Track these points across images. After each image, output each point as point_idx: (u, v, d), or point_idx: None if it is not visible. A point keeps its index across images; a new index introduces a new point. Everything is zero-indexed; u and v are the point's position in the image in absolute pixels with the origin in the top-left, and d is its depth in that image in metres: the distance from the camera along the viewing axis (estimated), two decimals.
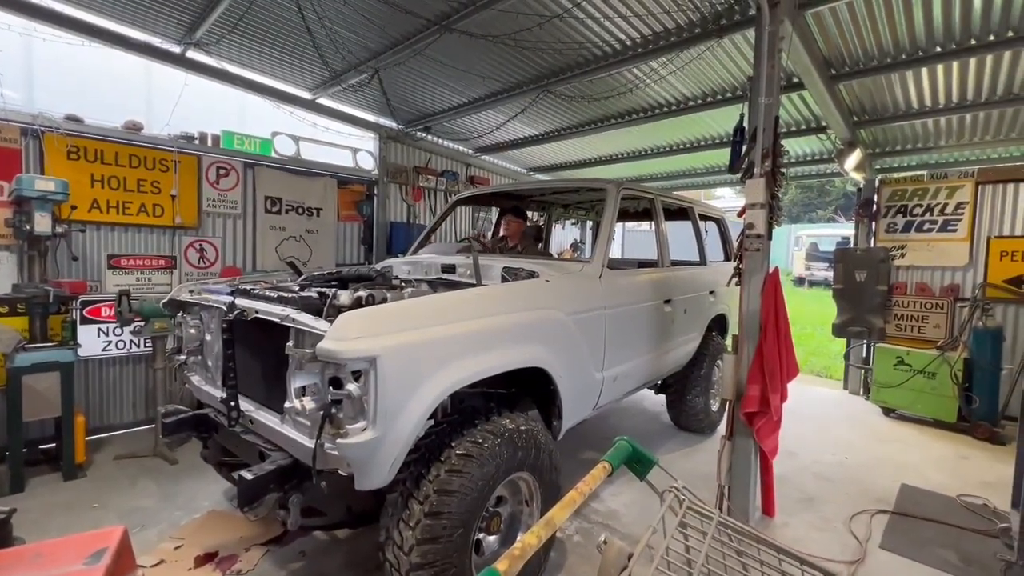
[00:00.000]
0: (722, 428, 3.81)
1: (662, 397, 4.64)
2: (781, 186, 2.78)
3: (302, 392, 1.85)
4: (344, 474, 1.77)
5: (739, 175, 2.96)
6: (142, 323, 3.72)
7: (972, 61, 3.61)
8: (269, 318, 2.02)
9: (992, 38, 3.31)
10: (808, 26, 3.32)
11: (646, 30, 3.56)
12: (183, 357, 2.70)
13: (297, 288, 2.44)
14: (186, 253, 4.53)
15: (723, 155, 6.38)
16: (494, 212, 7.20)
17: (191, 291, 2.64)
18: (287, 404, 1.92)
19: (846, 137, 4.79)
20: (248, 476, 1.83)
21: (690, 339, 4.20)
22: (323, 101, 5.31)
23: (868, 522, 3.16)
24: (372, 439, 1.69)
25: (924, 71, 3.81)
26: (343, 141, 5.66)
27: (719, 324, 4.69)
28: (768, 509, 3.13)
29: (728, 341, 4.60)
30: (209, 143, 4.67)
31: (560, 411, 2.60)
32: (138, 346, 4.24)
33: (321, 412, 1.73)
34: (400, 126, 5.91)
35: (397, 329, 1.82)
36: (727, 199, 19.96)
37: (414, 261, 3.39)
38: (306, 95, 5.19)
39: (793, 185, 22.63)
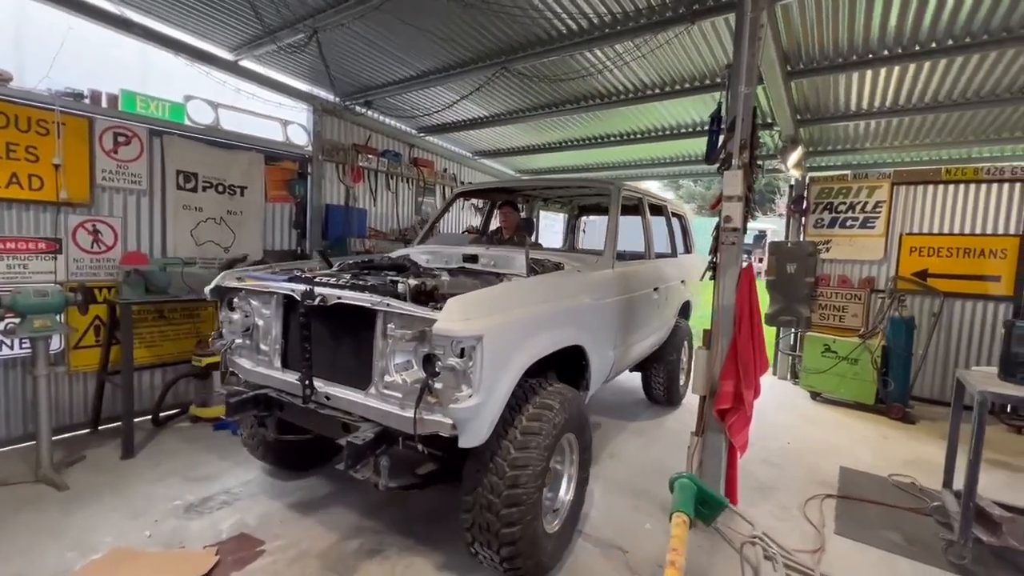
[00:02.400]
0: (688, 403, 4.45)
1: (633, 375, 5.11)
2: (757, 178, 2.73)
3: (394, 369, 2.16)
4: (446, 435, 2.04)
5: (715, 166, 2.90)
6: (16, 320, 3.03)
7: (911, 67, 3.80)
8: (359, 303, 2.19)
9: (934, 45, 3.49)
10: (776, 19, 3.31)
11: (616, 8, 3.37)
12: (227, 342, 2.77)
13: (348, 276, 2.57)
14: (75, 235, 3.77)
15: (675, 146, 6.47)
16: (434, 198, 6.86)
17: (239, 278, 2.74)
18: (387, 378, 2.19)
19: (790, 134, 4.97)
20: (357, 442, 2.09)
21: (669, 322, 4.80)
22: (247, 64, 4.64)
23: (819, 507, 3.28)
24: (477, 404, 1.99)
25: (868, 73, 3.98)
26: (272, 112, 5.01)
27: (685, 309, 5.30)
28: (732, 501, 3.14)
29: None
30: (104, 104, 3.90)
31: (588, 383, 3.02)
32: (11, 348, 3.48)
33: (418, 385, 2.03)
34: (337, 99, 5.35)
35: (492, 312, 2.12)
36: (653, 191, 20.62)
37: (432, 251, 3.66)
38: (226, 55, 4.50)
39: (717, 180, 24.06)
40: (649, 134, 6.02)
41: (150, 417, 4.07)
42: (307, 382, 2.37)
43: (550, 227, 10.06)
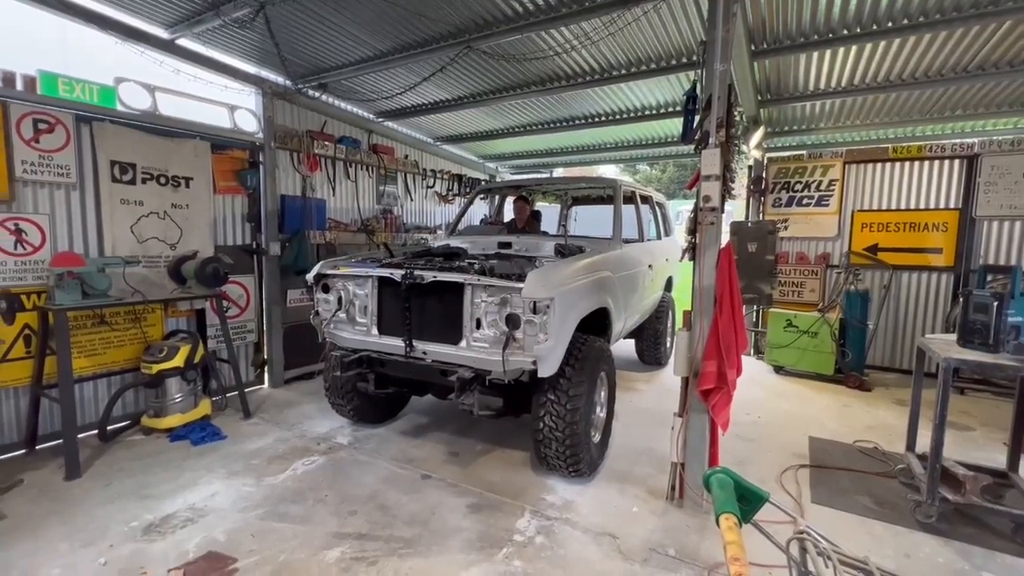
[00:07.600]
0: (669, 370, 4.34)
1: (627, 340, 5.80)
2: (734, 157, 2.71)
3: (478, 325, 2.96)
4: (527, 370, 2.83)
5: (682, 147, 2.86)
6: None
7: (868, 46, 3.90)
8: (455, 280, 2.96)
9: (890, 24, 3.57)
10: None
11: None
12: (325, 318, 3.48)
13: (422, 261, 3.35)
14: None
15: (638, 129, 6.44)
16: (396, 186, 6.63)
17: (334, 267, 3.46)
18: (478, 333, 2.97)
19: (752, 115, 5.04)
20: (465, 375, 2.91)
21: (658, 293, 5.56)
22: (185, 43, 4.25)
23: (795, 478, 3.39)
24: (552, 344, 2.77)
25: (828, 53, 4.06)
26: (217, 96, 4.63)
27: (668, 284, 6.07)
28: None
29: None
30: (20, 86, 3.47)
31: (610, 337, 3.74)
32: None
33: (504, 336, 2.82)
34: (289, 82, 5.01)
35: (557, 283, 2.85)
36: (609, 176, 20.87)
37: (469, 240, 4.35)
38: (161, 33, 4.10)
39: (671, 163, 24.48)
40: (613, 116, 5.98)
41: (96, 432, 3.73)
42: (408, 342, 3.12)
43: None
